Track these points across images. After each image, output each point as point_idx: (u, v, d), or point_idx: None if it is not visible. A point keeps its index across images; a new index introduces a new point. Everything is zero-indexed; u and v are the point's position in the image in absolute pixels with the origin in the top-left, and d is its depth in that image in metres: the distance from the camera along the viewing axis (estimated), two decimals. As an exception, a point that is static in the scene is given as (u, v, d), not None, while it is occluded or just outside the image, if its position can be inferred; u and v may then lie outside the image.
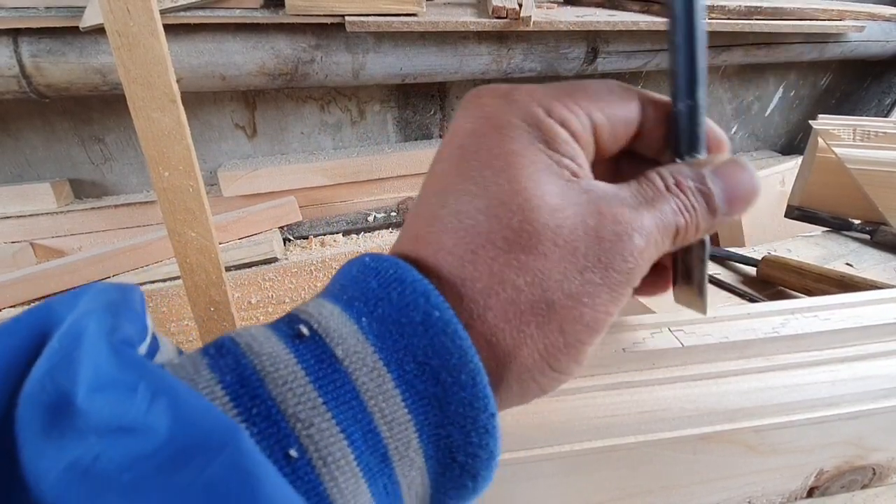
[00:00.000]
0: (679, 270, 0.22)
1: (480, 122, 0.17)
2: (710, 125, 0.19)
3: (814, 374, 0.25)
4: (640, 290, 0.21)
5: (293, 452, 0.12)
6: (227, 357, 0.14)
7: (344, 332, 0.14)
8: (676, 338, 0.25)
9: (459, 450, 0.15)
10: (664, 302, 0.24)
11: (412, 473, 0.15)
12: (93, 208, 0.90)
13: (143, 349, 0.14)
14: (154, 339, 0.15)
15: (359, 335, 0.14)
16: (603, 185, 0.17)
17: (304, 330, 0.14)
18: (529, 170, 0.16)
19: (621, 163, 0.20)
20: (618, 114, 0.18)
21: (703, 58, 0.18)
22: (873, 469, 0.27)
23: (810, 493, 0.27)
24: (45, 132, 0.92)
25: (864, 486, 0.27)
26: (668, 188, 0.17)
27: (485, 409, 0.14)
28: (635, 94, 0.19)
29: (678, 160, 0.19)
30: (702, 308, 0.22)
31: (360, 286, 0.15)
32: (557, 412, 0.23)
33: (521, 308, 0.15)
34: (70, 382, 0.11)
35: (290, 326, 0.15)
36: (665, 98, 0.19)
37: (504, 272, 0.15)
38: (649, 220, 0.17)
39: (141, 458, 0.10)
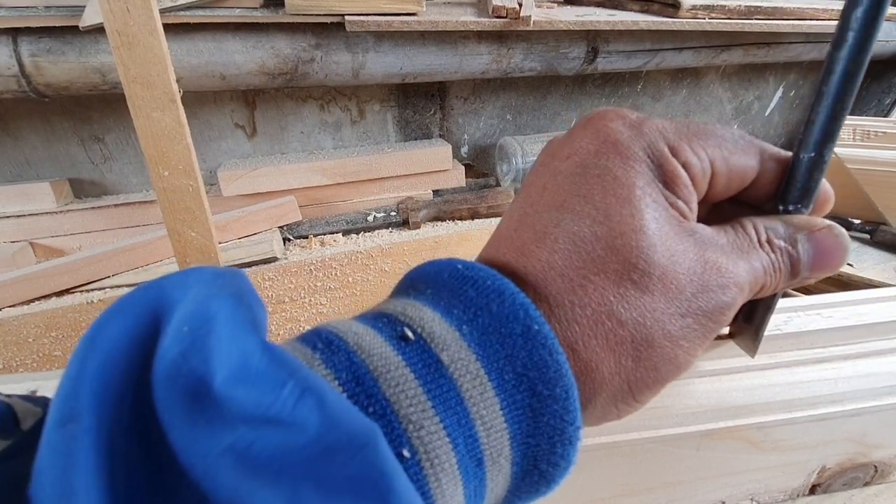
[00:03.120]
0: (742, 309, 0.22)
1: (606, 146, 0.17)
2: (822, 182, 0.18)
3: (816, 372, 0.25)
4: None
5: (406, 452, 0.13)
6: (338, 354, 0.14)
7: (447, 339, 0.15)
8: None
9: (543, 458, 0.15)
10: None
11: (498, 478, 0.15)
12: (92, 208, 0.90)
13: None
14: None
15: (461, 342, 0.15)
16: (706, 230, 0.17)
17: (409, 333, 0.15)
18: (651, 207, 0.16)
19: (720, 203, 0.20)
20: (738, 165, 0.18)
21: (845, 115, 0.17)
22: (875, 466, 0.27)
23: (812, 490, 0.27)
24: (44, 131, 0.92)
25: (866, 484, 0.27)
26: (760, 243, 0.18)
27: (572, 423, 0.15)
28: (758, 148, 0.18)
29: (781, 207, 0.19)
30: (753, 351, 0.22)
31: (456, 294, 0.16)
32: (560, 409, 0.23)
33: (623, 340, 0.16)
34: (204, 368, 0.11)
35: (392, 328, 0.15)
36: (786, 154, 0.19)
37: (612, 304, 0.16)
38: (744, 273, 0.17)
39: (292, 450, 0.11)
